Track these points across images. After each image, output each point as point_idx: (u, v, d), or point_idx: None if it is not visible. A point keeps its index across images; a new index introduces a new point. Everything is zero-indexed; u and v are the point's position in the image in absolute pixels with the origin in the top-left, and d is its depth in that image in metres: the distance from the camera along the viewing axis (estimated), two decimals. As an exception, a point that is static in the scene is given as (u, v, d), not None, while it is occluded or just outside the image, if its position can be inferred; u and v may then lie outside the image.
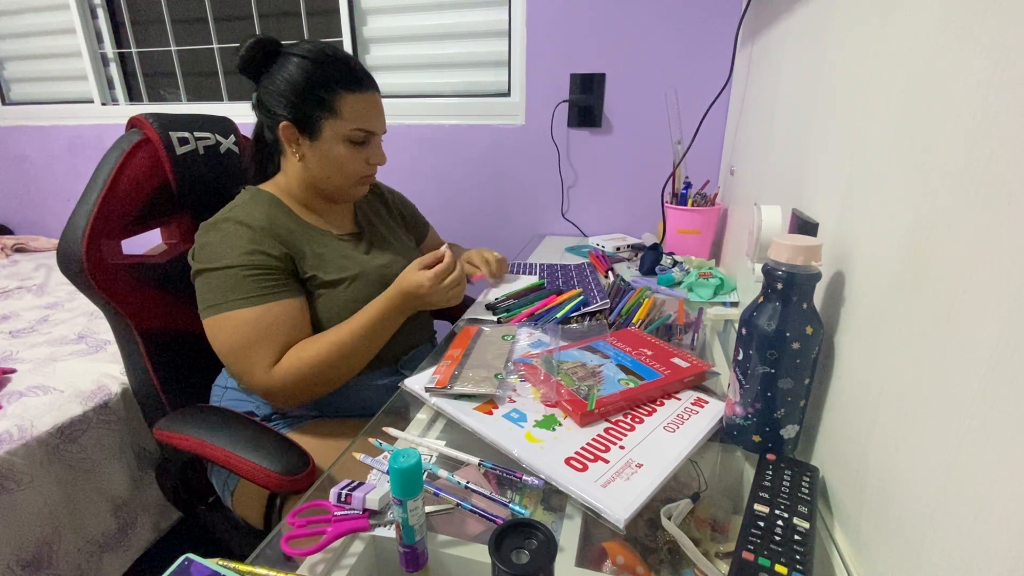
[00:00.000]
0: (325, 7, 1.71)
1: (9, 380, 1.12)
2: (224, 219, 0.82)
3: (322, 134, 0.84)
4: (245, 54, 0.83)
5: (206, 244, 0.81)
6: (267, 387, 0.79)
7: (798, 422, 0.52)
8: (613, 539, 0.46)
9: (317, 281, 0.85)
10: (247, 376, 0.79)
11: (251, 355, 0.78)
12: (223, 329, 0.79)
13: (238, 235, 0.80)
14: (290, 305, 0.81)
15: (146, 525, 1.16)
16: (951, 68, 0.36)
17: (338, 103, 0.83)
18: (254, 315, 0.78)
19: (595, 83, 1.49)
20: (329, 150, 0.85)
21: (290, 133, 0.84)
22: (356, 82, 0.84)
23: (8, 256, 2.05)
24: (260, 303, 0.78)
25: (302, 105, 0.82)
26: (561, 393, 0.60)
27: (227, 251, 0.79)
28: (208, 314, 0.79)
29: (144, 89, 2.03)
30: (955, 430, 0.31)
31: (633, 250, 1.40)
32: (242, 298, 0.78)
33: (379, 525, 0.46)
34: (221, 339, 0.79)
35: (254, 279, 0.79)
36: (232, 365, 0.80)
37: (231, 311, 0.78)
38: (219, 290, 0.78)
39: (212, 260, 0.79)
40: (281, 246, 0.82)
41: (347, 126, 0.84)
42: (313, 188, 0.90)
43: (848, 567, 0.43)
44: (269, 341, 0.78)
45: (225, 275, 0.78)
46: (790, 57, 0.82)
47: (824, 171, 0.60)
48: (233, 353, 0.79)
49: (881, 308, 0.43)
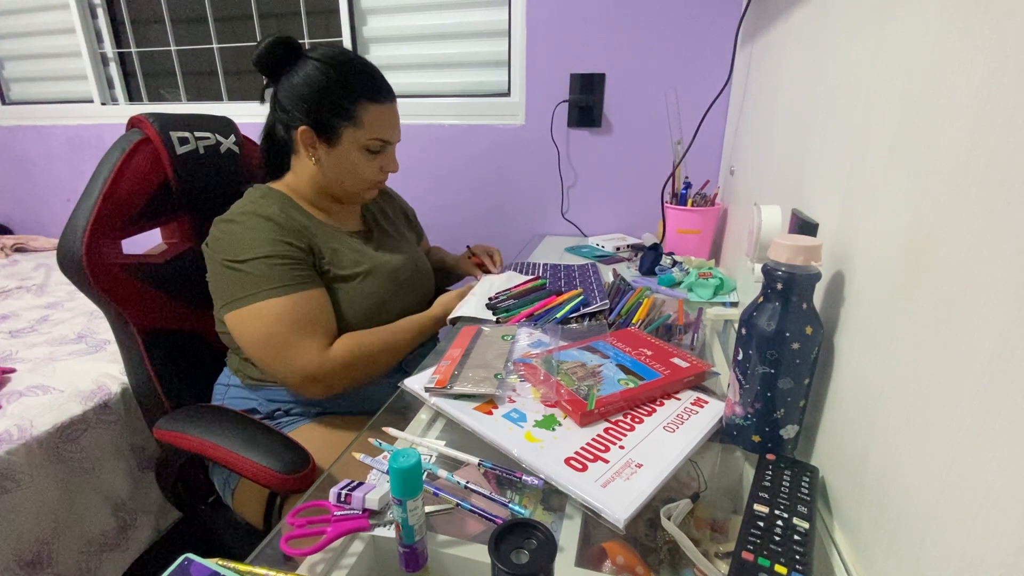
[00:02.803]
0: (325, 7, 1.71)
1: (9, 380, 1.12)
2: (243, 212, 0.81)
3: (341, 141, 0.85)
4: (264, 51, 0.83)
5: (229, 237, 0.80)
6: (317, 369, 0.78)
7: (798, 422, 0.52)
8: (613, 539, 0.46)
9: (332, 275, 0.85)
10: (287, 364, 0.78)
11: (294, 342, 0.78)
12: (257, 319, 0.77)
13: (263, 227, 0.80)
14: (320, 295, 0.82)
15: (146, 525, 1.16)
16: (951, 68, 0.36)
17: (359, 112, 0.84)
18: (292, 303, 0.78)
19: (595, 83, 1.49)
20: (345, 157, 0.86)
21: (308, 137, 0.84)
22: (378, 93, 0.85)
23: (8, 256, 2.05)
24: (296, 291, 0.78)
25: (323, 112, 0.83)
26: (561, 393, 0.60)
27: (253, 242, 0.78)
28: (237, 306, 0.78)
29: (144, 89, 2.03)
30: (955, 430, 0.31)
31: (633, 250, 1.40)
32: (279, 287, 0.77)
33: (379, 525, 0.46)
34: (254, 329, 0.78)
35: (288, 268, 0.79)
36: (267, 355, 0.78)
37: (265, 300, 0.77)
38: (249, 281, 0.77)
39: (239, 252, 0.78)
40: (302, 238, 0.83)
41: (366, 135, 0.85)
42: (324, 190, 0.90)
43: (848, 567, 0.43)
44: (314, 327, 0.79)
45: (255, 266, 0.78)
46: (790, 57, 0.82)
47: (824, 171, 0.60)
48: (270, 342, 0.78)
49: (881, 308, 0.43)
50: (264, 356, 0.79)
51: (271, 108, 0.88)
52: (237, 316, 0.78)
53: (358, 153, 0.86)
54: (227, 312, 0.79)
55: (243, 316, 0.78)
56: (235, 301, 0.78)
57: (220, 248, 0.80)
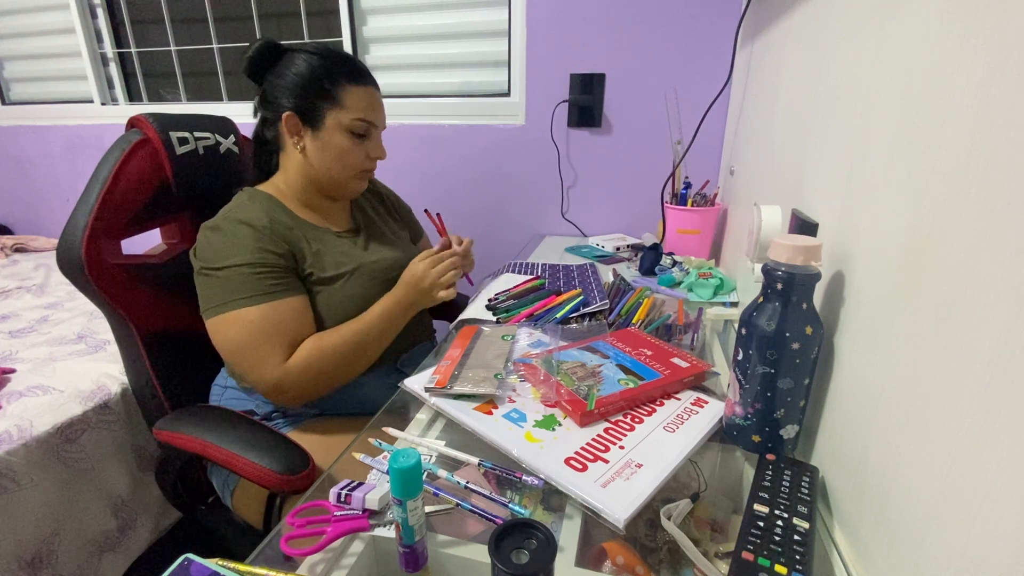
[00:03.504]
0: (325, 7, 1.71)
1: (9, 380, 1.12)
2: (225, 219, 0.82)
3: (324, 124, 0.86)
4: (254, 56, 0.85)
5: (209, 244, 0.81)
6: (277, 382, 0.79)
7: (798, 422, 0.52)
8: (613, 539, 0.46)
9: (314, 278, 0.85)
10: (254, 373, 0.79)
11: (260, 352, 0.78)
12: (229, 328, 0.78)
13: (242, 234, 0.80)
14: (296, 303, 0.82)
15: (146, 525, 1.16)
16: (951, 68, 0.36)
17: (341, 93, 0.85)
18: (261, 313, 0.78)
19: (595, 83, 1.49)
20: (330, 140, 0.86)
21: (293, 123, 0.86)
22: (359, 75, 0.87)
23: (8, 256, 2.05)
24: (267, 301, 0.79)
25: (307, 96, 0.85)
26: (561, 393, 0.60)
27: (231, 251, 0.79)
28: (212, 313, 0.79)
29: (144, 89, 2.03)
30: (955, 430, 0.31)
31: (633, 250, 1.40)
32: (248, 296, 0.78)
33: (379, 525, 0.46)
34: (227, 337, 0.79)
35: (260, 277, 0.79)
36: (238, 364, 0.80)
37: (237, 309, 0.78)
38: (224, 289, 0.78)
39: (216, 260, 0.79)
40: (284, 244, 0.83)
41: (349, 115, 0.86)
42: (312, 183, 0.90)
43: (848, 567, 0.43)
44: (279, 338, 0.79)
45: (230, 274, 0.78)
46: (790, 57, 0.82)
47: (824, 171, 0.60)
48: (240, 351, 0.79)
49: (881, 308, 0.43)
50: (234, 364, 0.81)
51: (260, 109, 0.90)
52: (213, 323, 0.80)
53: (343, 136, 0.87)
54: (207, 319, 0.81)
55: (218, 324, 0.79)
56: (211, 308, 0.79)
57: (200, 255, 0.81)
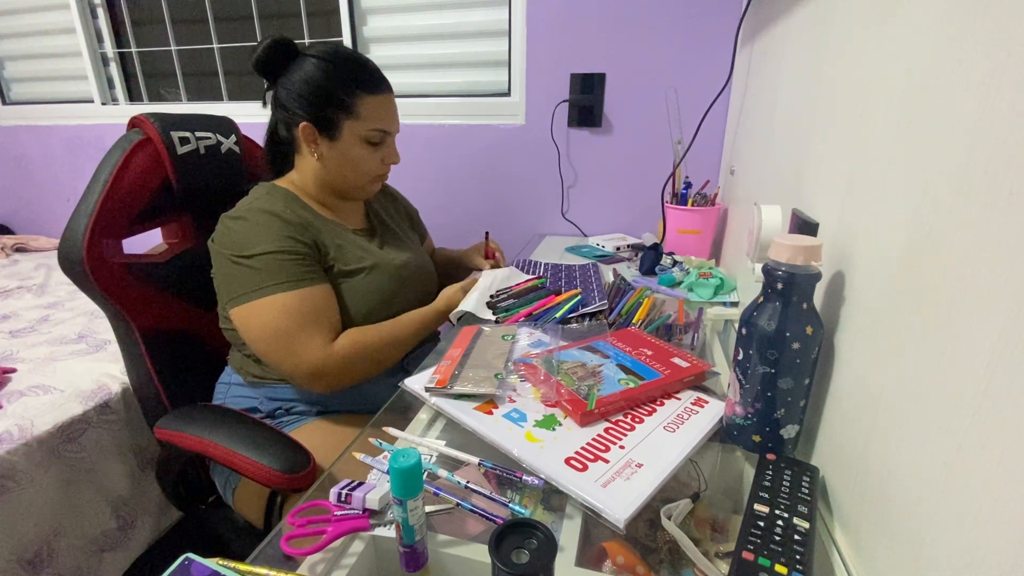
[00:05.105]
0: (325, 7, 1.71)
1: (9, 380, 1.12)
2: (249, 209, 0.82)
3: (341, 135, 0.86)
4: (262, 54, 0.84)
5: (236, 233, 0.80)
6: (321, 366, 0.79)
7: (798, 422, 0.52)
8: (613, 539, 0.46)
9: (337, 270, 0.86)
10: (294, 357, 0.79)
11: (302, 336, 0.78)
12: (265, 313, 0.78)
13: (270, 223, 0.80)
14: (327, 291, 0.83)
15: (146, 525, 1.16)
16: (951, 67, 0.36)
17: (358, 104, 0.85)
18: (299, 297, 0.78)
19: (595, 83, 1.49)
20: (347, 150, 0.87)
21: (309, 133, 0.86)
22: (374, 84, 0.87)
23: (8, 256, 2.05)
24: (304, 287, 0.79)
25: (322, 106, 0.84)
26: (561, 393, 0.60)
27: (260, 238, 0.79)
28: (245, 300, 0.79)
29: (144, 89, 2.03)
30: (955, 430, 0.31)
31: (633, 250, 1.40)
32: (284, 282, 0.78)
33: (379, 525, 0.46)
34: (263, 323, 0.78)
35: (295, 263, 0.80)
36: (275, 350, 0.79)
37: (273, 295, 0.78)
38: (257, 276, 0.78)
39: (245, 247, 0.79)
40: (308, 234, 0.84)
41: (365, 127, 0.86)
42: (327, 186, 0.91)
43: (848, 567, 0.43)
44: (324, 320, 0.80)
45: (263, 261, 0.78)
46: (790, 57, 0.82)
47: (824, 171, 0.60)
48: (279, 336, 0.78)
49: (881, 308, 0.43)
50: (270, 351, 0.80)
51: (272, 108, 0.89)
52: (244, 311, 0.79)
53: (359, 146, 0.87)
54: (233, 307, 0.80)
55: (250, 311, 0.79)
56: (242, 296, 0.79)
57: (227, 243, 0.80)
